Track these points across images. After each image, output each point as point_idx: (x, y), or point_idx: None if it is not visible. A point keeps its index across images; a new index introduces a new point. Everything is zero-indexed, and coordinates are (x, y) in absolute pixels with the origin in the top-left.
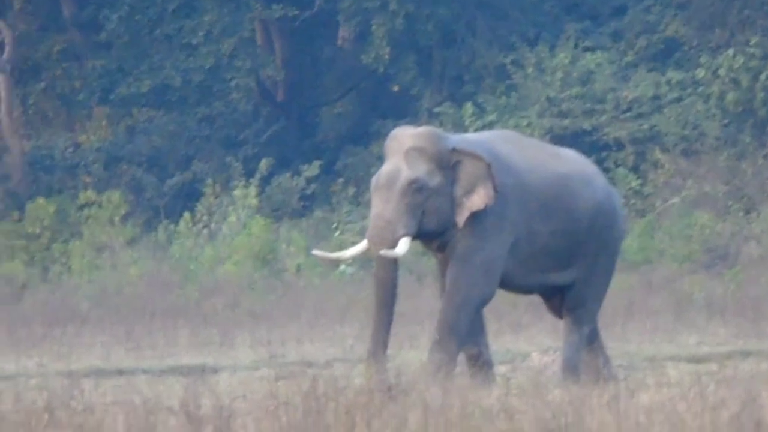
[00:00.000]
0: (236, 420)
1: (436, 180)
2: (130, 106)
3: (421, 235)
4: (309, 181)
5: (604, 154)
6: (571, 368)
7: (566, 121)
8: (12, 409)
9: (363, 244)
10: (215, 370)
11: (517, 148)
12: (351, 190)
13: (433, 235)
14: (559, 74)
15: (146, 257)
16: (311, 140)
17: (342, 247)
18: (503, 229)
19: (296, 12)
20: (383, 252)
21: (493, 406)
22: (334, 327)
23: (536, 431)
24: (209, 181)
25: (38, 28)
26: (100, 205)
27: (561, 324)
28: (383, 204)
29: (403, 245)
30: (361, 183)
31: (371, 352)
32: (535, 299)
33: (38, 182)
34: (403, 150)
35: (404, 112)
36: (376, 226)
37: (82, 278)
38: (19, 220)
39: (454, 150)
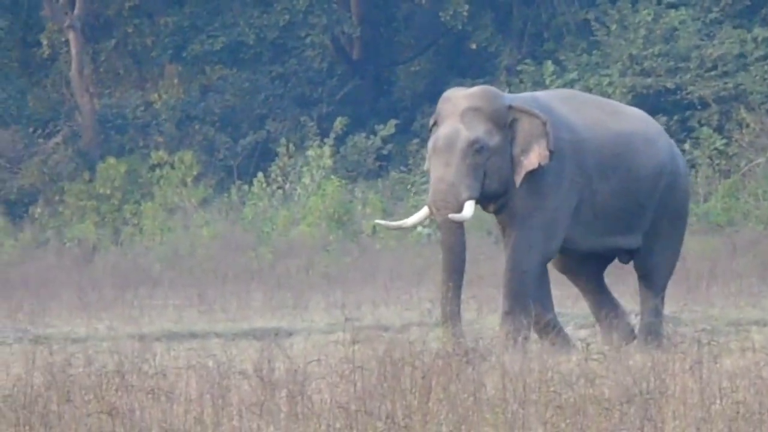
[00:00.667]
0: (311, 384)
1: (495, 139)
2: (203, 64)
3: (483, 197)
4: (385, 140)
5: (687, 113)
6: (652, 333)
7: (649, 80)
8: (83, 372)
9: (425, 210)
10: (289, 334)
11: (575, 106)
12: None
13: (495, 197)
14: (642, 31)
15: (219, 219)
16: (387, 99)
17: (418, 208)
18: (562, 186)
19: None
20: (451, 216)
21: (572, 371)
22: (410, 290)
23: (617, 397)
24: (283, 140)
25: None
26: (172, 166)
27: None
28: (444, 167)
29: (469, 208)
30: None
31: (445, 319)
32: (617, 263)
33: (109, 142)
34: (460, 111)
35: (482, 70)
36: (439, 190)
37: (154, 240)
38: (90, 181)
39: (510, 108)
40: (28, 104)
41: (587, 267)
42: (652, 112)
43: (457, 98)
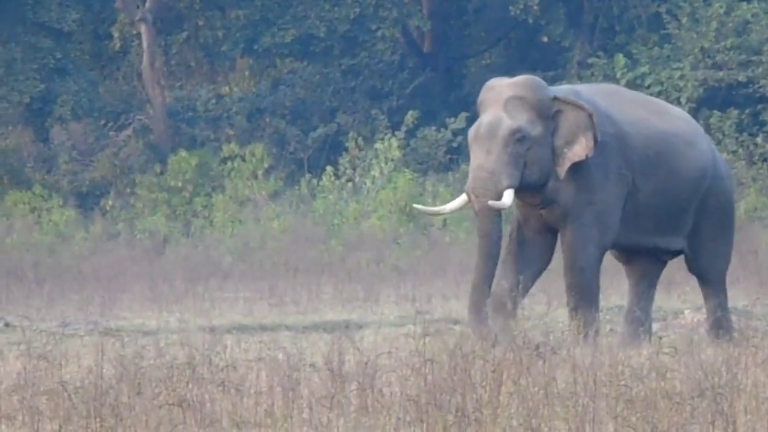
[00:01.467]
0: (381, 377)
1: (537, 129)
2: (274, 57)
3: (522, 187)
4: (455, 133)
5: (759, 107)
6: (723, 328)
7: (721, 73)
8: (154, 364)
9: (463, 197)
10: (359, 326)
11: (619, 102)
12: None
13: (534, 187)
14: (714, 24)
15: (289, 211)
16: (458, 92)
17: None
18: (609, 179)
19: None
20: (490, 203)
21: (643, 365)
22: None
23: (688, 391)
24: (353, 133)
25: None
26: (243, 158)
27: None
28: (485, 155)
29: (508, 196)
30: None
31: (471, 308)
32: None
33: (180, 134)
34: (503, 99)
35: (553, 63)
36: (478, 178)
37: (225, 232)
38: (161, 173)
39: (555, 99)
40: (100, 97)
41: (638, 265)
42: (724, 105)
43: (501, 87)
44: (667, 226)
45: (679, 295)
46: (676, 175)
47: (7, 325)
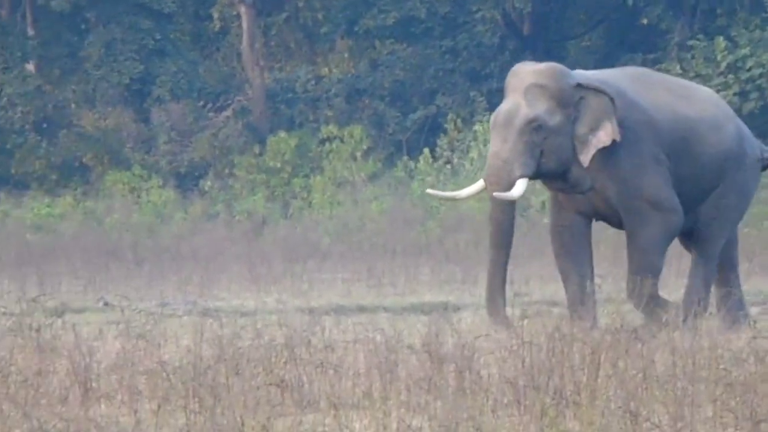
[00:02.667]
0: (479, 359)
1: (556, 119)
2: (374, 39)
3: (540, 176)
4: None
5: None
6: (693, 301)
7: None
8: (252, 345)
9: (480, 184)
10: (457, 308)
11: (645, 87)
12: None
13: (553, 176)
14: None
15: (387, 193)
16: None
17: None
18: (645, 164)
19: None
20: (498, 194)
21: (742, 349)
22: None
23: None
24: (451, 115)
25: None
26: (341, 140)
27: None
28: (501, 143)
29: (520, 186)
30: None
31: (489, 298)
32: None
33: (279, 116)
34: (524, 87)
35: (653, 46)
36: (493, 166)
37: (323, 213)
38: (260, 154)
39: (578, 86)
40: (199, 78)
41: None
42: None
43: (525, 73)
44: (688, 205)
45: None
46: (700, 161)
47: (106, 304)
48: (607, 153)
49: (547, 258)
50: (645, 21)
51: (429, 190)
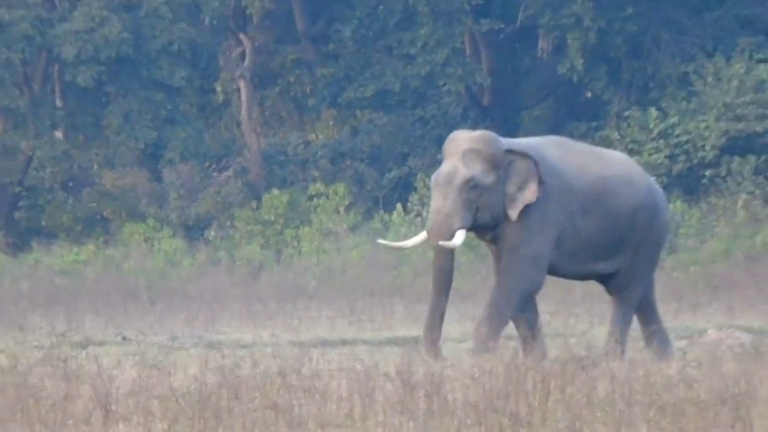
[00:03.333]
0: (445, 386)
1: (489, 179)
2: (355, 109)
3: (475, 228)
4: None
5: None
6: (614, 340)
7: (741, 125)
8: (250, 374)
9: (423, 235)
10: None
11: (564, 152)
12: None
13: (486, 228)
14: (735, 83)
15: (366, 242)
16: None
17: None
18: (546, 224)
19: (501, 26)
20: (441, 243)
21: (673, 377)
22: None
23: (712, 399)
24: (421, 175)
25: (274, 40)
26: (327, 196)
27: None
28: (442, 199)
29: (459, 237)
30: None
31: (426, 333)
32: (713, 282)
33: (273, 175)
34: (461, 151)
35: (595, 115)
36: (435, 220)
37: (311, 260)
38: (257, 209)
39: (508, 151)
40: (204, 143)
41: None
42: (744, 152)
43: (461, 140)
44: (608, 253)
45: (703, 316)
46: (613, 213)
47: (124, 338)
48: (522, 209)
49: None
50: (589, 94)
51: (380, 240)
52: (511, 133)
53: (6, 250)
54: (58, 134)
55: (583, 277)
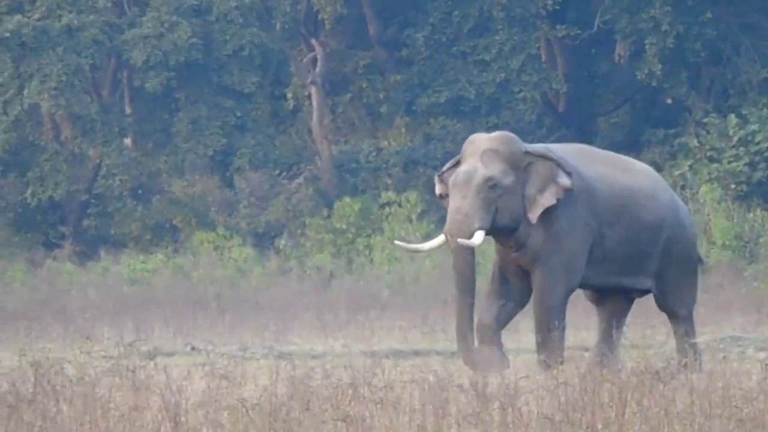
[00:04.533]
0: (520, 397)
1: (509, 179)
2: (428, 116)
3: (494, 231)
4: None
5: None
6: (690, 356)
7: None
8: (321, 384)
9: (441, 238)
10: None
11: (588, 160)
12: None
13: (505, 231)
14: None
15: (440, 251)
16: None
17: None
18: (576, 227)
19: (578, 31)
20: (461, 241)
21: (752, 389)
22: None
23: None
24: None
25: (346, 46)
26: (399, 204)
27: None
28: (461, 200)
29: (478, 237)
30: None
31: (459, 339)
32: None
33: (344, 183)
34: (480, 151)
35: (673, 122)
36: (454, 220)
37: (383, 269)
38: (328, 217)
39: (526, 153)
40: (275, 150)
41: (607, 302)
42: None
43: (480, 140)
44: (631, 267)
45: None
46: (637, 226)
47: (193, 348)
48: (545, 212)
49: (579, 307)
50: (668, 100)
51: (397, 242)
52: (588, 140)
53: (74, 259)
54: (127, 141)
55: (608, 291)
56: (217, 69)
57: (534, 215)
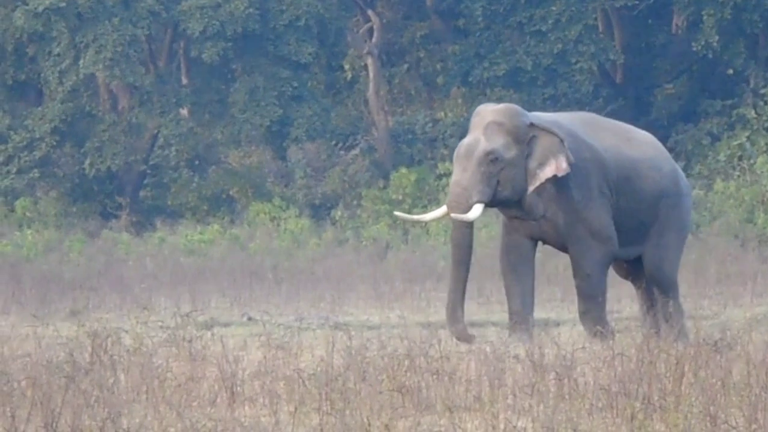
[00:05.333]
0: (576, 368)
1: (511, 152)
2: (485, 87)
3: (495, 203)
4: None
5: None
6: (674, 321)
7: None
8: (377, 355)
9: (443, 209)
10: (557, 324)
11: (594, 129)
12: (681, 164)
13: (507, 203)
14: None
15: (495, 221)
16: (646, 118)
17: None
18: (593, 197)
19: (635, 2)
20: (455, 216)
21: None
22: None
23: None
24: None
25: (402, 16)
26: None
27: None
28: (461, 172)
29: (476, 211)
30: (692, 157)
31: (449, 311)
32: None
33: (401, 154)
34: (484, 124)
35: (731, 93)
36: (454, 192)
37: (439, 239)
38: (384, 188)
39: (531, 125)
40: (331, 121)
41: (633, 273)
42: None
43: (485, 112)
44: (629, 238)
45: None
46: (639, 197)
47: (249, 319)
48: (559, 185)
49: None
50: (726, 70)
51: (397, 213)
52: (645, 111)
53: (130, 230)
54: (184, 112)
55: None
56: (273, 39)
57: (532, 187)
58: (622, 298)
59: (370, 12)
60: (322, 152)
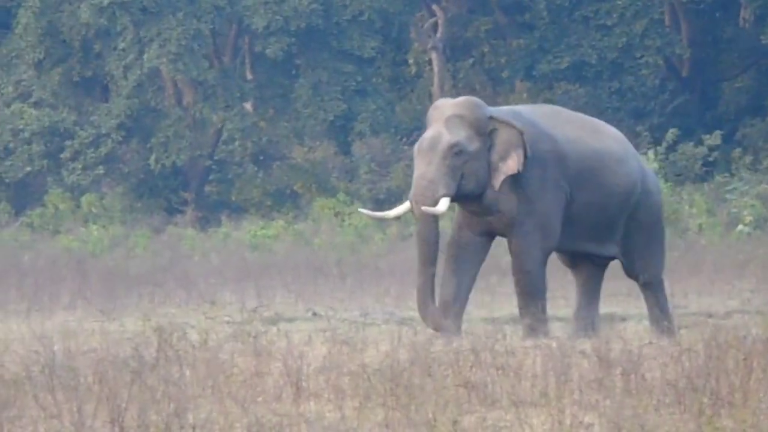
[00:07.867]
0: (643, 364)
1: (474, 145)
2: (550, 81)
3: (459, 197)
4: (711, 149)
5: None
6: (662, 323)
7: None
8: (443, 350)
9: (407, 204)
10: (623, 319)
11: (556, 122)
12: (748, 158)
13: (471, 197)
14: None
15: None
16: (713, 112)
17: (741, 207)
18: (547, 189)
19: None
20: (425, 209)
21: None
22: (732, 281)
23: None
24: None
25: (467, 11)
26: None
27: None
28: (426, 166)
29: (443, 204)
30: (760, 151)
31: (421, 308)
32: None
33: None
34: (445, 117)
35: None
36: (419, 186)
37: None
38: None
39: (491, 118)
40: (396, 115)
41: (581, 267)
42: None
43: (445, 106)
44: (598, 233)
45: None
46: (606, 191)
47: (314, 314)
48: (515, 177)
49: (703, 274)
50: None
51: (361, 210)
52: (712, 105)
53: (195, 225)
54: (248, 106)
55: (574, 254)
56: (337, 34)
57: (497, 182)
58: (689, 293)
59: (434, 6)
60: (386, 147)
